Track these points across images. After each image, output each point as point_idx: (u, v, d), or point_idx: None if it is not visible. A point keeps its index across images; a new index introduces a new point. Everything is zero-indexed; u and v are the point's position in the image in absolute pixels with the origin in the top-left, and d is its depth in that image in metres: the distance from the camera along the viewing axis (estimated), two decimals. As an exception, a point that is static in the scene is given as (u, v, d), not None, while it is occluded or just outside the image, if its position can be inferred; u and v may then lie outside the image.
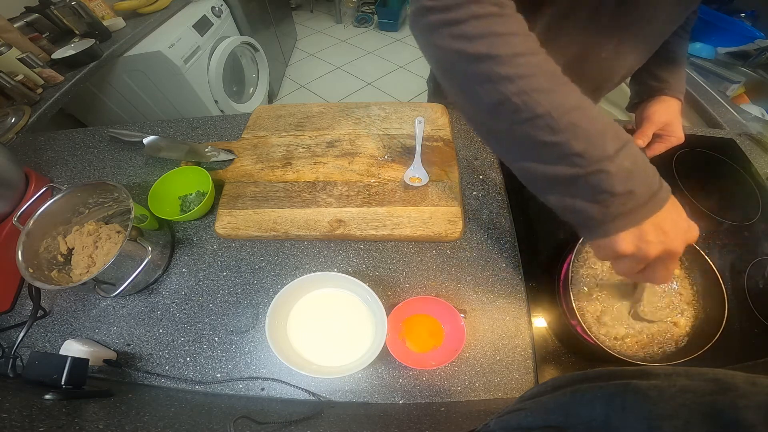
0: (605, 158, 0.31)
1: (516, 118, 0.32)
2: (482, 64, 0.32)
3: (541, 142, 0.32)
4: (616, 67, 0.59)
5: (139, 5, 1.45)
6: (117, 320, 0.55)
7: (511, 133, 0.34)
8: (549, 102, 0.31)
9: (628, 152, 0.32)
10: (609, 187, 0.31)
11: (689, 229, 0.34)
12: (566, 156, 0.31)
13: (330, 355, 0.49)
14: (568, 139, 0.31)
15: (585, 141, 0.31)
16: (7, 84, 0.95)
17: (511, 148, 0.36)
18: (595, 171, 0.31)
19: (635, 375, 0.21)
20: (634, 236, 0.33)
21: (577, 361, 0.51)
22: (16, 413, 0.35)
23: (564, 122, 0.31)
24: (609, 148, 0.31)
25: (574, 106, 0.32)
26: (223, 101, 1.75)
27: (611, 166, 0.31)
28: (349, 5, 3.27)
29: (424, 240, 0.60)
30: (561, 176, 0.33)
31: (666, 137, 0.57)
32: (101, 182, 0.56)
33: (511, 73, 0.31)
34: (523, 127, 0.32)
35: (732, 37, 1.09)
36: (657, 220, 0.33)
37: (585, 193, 0.32)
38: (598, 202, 0.32)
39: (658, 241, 0.33)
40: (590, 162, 0.31)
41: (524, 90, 0.31)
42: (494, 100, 0.33)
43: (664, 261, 0.34)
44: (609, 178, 0.31)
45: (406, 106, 0.78)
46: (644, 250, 0.33)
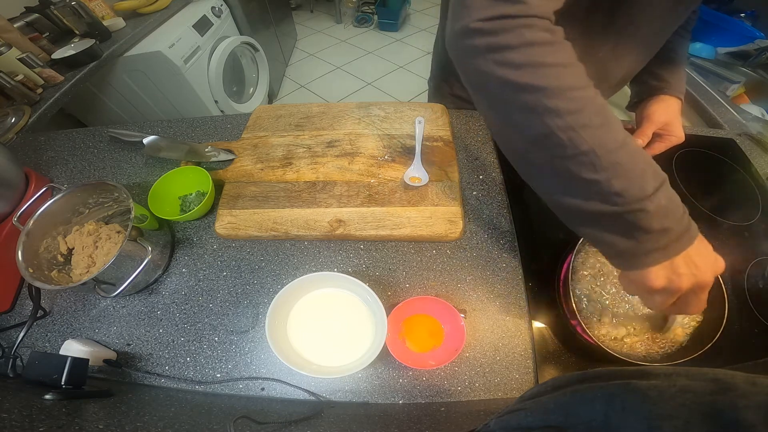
0: (644, 198, 0.31)
1: (559, 153, 0.32)
2: (529, 95, 0.31)
3: (582, 179, 0.32)
4: (615, 69, 0.59)
5: (139, 5, 1.45)
6: (117, 320, 0.55)
7: (552, 167, 0.33)
8: (595, 140, 0.31)
9: (665, 191, 0.32)
10: (646, 225, 0.31)
11: (716, 261, 0.35)
12: (606, 194, 0.31)
13: (330, 355, 0.49)
14: (609, 177, 0.31)
15: (626, 180, 0.31)
16: (7, 84, 0.95)
17: (548, 182, 0.36)
18: (634, 210, 0.31)
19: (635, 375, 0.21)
20: (666, 270, 0.33)
21: (577, 361, 0.51)
22: (16, 413, 0.35)
23: (607, 161, 0.30)
24: (648, 187, 0.31)
25: (619, 145, 0.31)
26: (223, 101, 1.75)
27: (650, 206, 0.31)
28: (349, 5, 3.27)
29: (424, 240, 0.60)
30: (598, 213, 0.32)
31: (666, 137, 0.57)
32: (101, 182, 0.56)
33: (560, 107, 0.30)
34: (564, 163, 0.32)
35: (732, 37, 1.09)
36: (689, 254, 0.33)
37: (620, 230, 0.32)
38: (632, 238, 0.32)
39: (690, 274, 0.33)
40: (630, 201, 0.31)
41: (571, 126, 0.30)
42: (538, 133, 0.32)
43: (696, 293, 0.35)
44: (647, 217, 0.31)
45: (406, 106, 0.78)
46: (676, 282, 0.33)
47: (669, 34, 0.55)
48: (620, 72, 0.60)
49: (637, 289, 0.36)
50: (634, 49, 0.55)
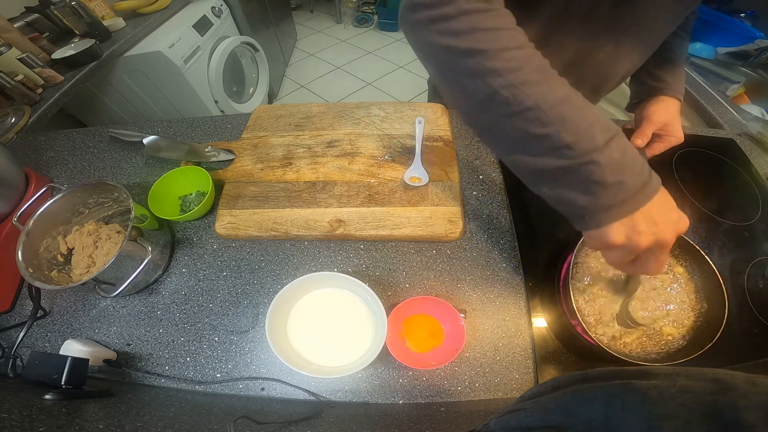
0: (595, 149, 0.31)
1: (506, 111, 0.33)
2: (470, 59, 0.33)
3: (531, 135, 0.32)
4: (615, 68, 0.59)
5: (139, 5, 1.45)
6: (117, 320, 0.55)
7: (502, 126, 0.34)
8: (537, 94, 0.32)
9: (617, 143, 0.32)
10: (599, 177, 0.31)
11: (680, 219, 0.35)
12: (556, 148, 0.32)
13: (330, 355, 0.49)
14: (557, 131, 0.31)
15: (574, 133, 0.31)
16: (7, 84, 0.95)
17: (502, 141, 0.37)
18: (585, 162, 0.31)
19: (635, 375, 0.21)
20: (625, 227, 0.33)
21: (577, 361, 0.51)
22: (16, 413, 0.35)
23: (552, 114, 0.31)
24: (598, 139, 0.31)
25: (562, 99, 0.32)
26: (223, 101, 1.75)
27: (601, 157, 0.31)
28: (349, 5, 3.27)
29: (424, 240, 0.60)
30: (552, 168, 0.33)
31: (665, 137, 0.57)
32: (101, 182, 0.56)
33: (498, 67, 0.32)
34: (512, 120, 0.33)
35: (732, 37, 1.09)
36: (648, 211, 0.33)
37: (576, 185, 0.33)
38: (589, 193, 0.33)
39: (649, 232, 0.33)
40: (580, 153, 0.31)
41: (512, 83, 0.32)
42: (484, 94, 0.33)
43: (655, 252, 0.35)
44: (599, 168, 0.31)
45: (406, 106, 0.78)
46: (635, 240, 0.33)
47: (669, 32, 0.55)
48: (620, 72, 0.60)
49: (596, 244, 0.36)
50: (634, 49, 0.55)
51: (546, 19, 0.50)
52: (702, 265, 0.51)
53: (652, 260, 0.36)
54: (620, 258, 0.36)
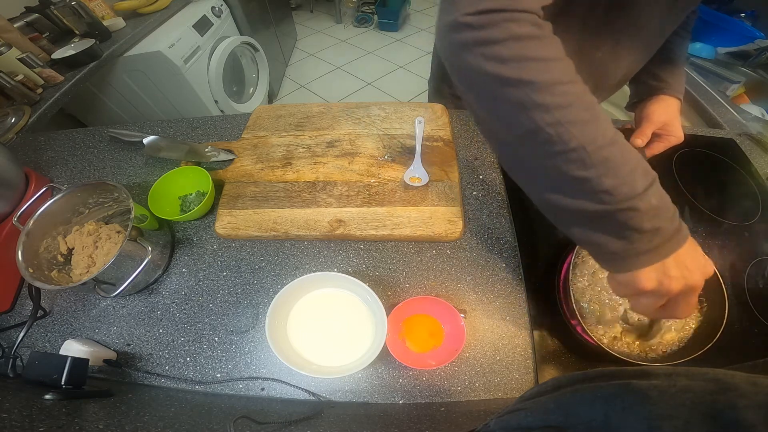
0: (635, 196, 0.30)
1: (547, 150, 0.31)
2: (517, 90, 0.30)
3: (571, 177, 0.31)
4: (615, 67, 0.59)
5: (139, 5, 1.45)
6: (117, 320, 0.55)
7: (540, 164, 0.32)
8: (584, 136, 0.30)
9: (655, 189, 0.31)
10: (637, 224, 0.30)
11: (706, 263, 0.34)
12: (596, 192, 0.30)
13: (330, 355, 0.49)
14: (599, 175, 0.30)
15: (615, 178, 0.30)
16: (7, 84, 0.95)
17: (537, 179, 0.35)
18: (624, 209, 0.30)
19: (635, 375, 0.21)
20: (657, 272, 0.32)
21: (577, 361, 0.51)
22: (16, 413, 0.35)
23: (597, 158, 0.30)
24: (639, 185, 0.30)
25: (609, 142, 0.30)
26: (223, 101, 1.75)
27: (641, 204, 0.30)
28: (349, 5, 3.27)
29: (424, 240, 0.60)
30: (588, 212, 0.32)
31: (665, 137, 0.57)
32: (101, 182, 0.56)
33: (548, 102, 0.30)
34: (553, 160, 0.31)
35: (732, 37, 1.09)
36: (679, 256, 0.32)
37: (610, 229, 0.32)
38: (623, 238, 0.32)
39: (680, 276, 0.32)
40: (620, 200, 0.30)
41: (560, 121, 0.30)
42: (526, 129, 0.31)
43: (686, 296, 0.34)
44: (638, 215, 0.30)
45: (406, 106, 0.78)
46: (666, 285, 0.32)
47: (668, 33, 0.55)
48: (620, 72, 0.60)
49: (626, 291, 0.35)
50: (633, 49, 0.55)
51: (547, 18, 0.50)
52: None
53: (683, 304, 0.34)
54: (650, 303, 0.35)
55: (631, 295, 0.35)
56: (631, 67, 0.60)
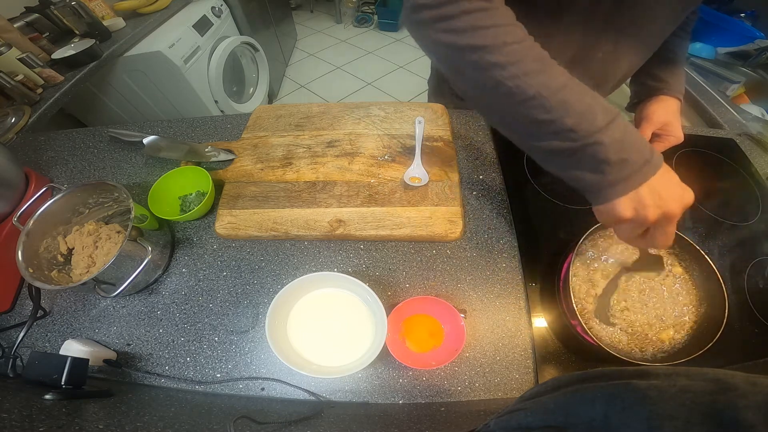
0: (597, 131, 0.34)
1: (512, 101, 0.35)
2: (474, 54, 0.35)
3: (537, 121, 0.35)
4: (616, 67, 0.59)
5: (139, 5, 1.46)
6: (117, 320, 0.55)
7: (511, 114, 0.37)
8: (539, 83, 0.34)
9: (618, 124, 0.34)
10: (604, 156, 0.34)
11: (684, 193, 0.37)
12: (561, 132, 0.35)
13: (330, 355, 0.49)
14: (560, 116, 0.34)
15: (576, 116, 0.34)
16: (7, 84, 0.95)
17: (514, 128, 0.39)
18: (589, 143, 0.34)
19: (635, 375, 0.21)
20: (632, 201, 0.36)
21: (577, 361, 0.51)
22: (16, 413, 0.35)
23: (555, 101, 0.34)
24: (599, 121, 0.34)
25: (562, 85, 0.35)
26: (223, 101, 1.75)
27: (604, 137, 0.34)
28: (349, 5, 3.27)
29: (424, 240, 0.60)
30: (559, 150, 0.36)
31: (665, 137, 0.57)
32: (101, 182, 0.56)
33: (501, 60, 0.34)
34: (519, 108, 0.36)
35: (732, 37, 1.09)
36: (652, 185, 0.35)
37: (584, 164, 0.36)
38: (597, 171, 0.35)
39: (655, 205, 0.35)
40: (583, 135, 0.34)
41: (515, 74, 0.34)
42: (490, 86, 0.36)
43: (663, 224, 0.37)
44: (603, 148, 0.34)
45: (406, 106, 0.78)
46: (642, 213, 0.36)
47: (669, 32, 0.55)
48: (620, 72, 0.60)
49: (608, 219, 0.38)
50: (634, 49, 0.55)
51: (544, 17, 0.50)
52: (702, 265, 0.51)
53: (660, 233, 0.38)
54: (630, 231, 0.38)
55: (613, 224, 0.39)
56: (632, 67, 0.60)
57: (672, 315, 0.50)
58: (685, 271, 0.53)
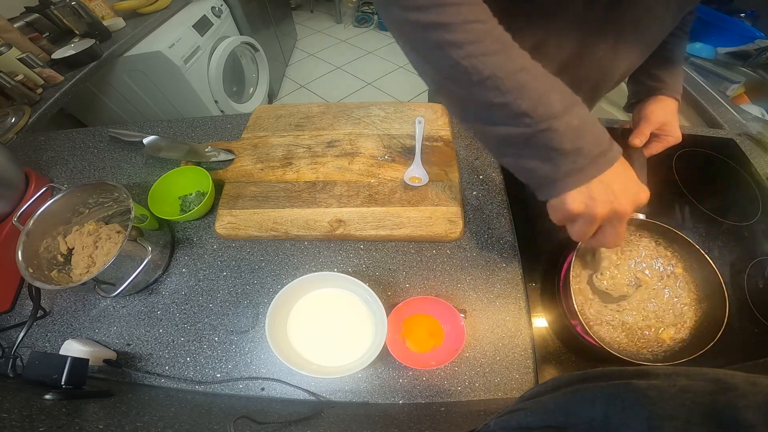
0: (553, 116, 0.32)
1: (466, 81, 0.34)
2: (434, 32, 0.34)
3: (491, 104, 0.34)
4: (614, 67, 0.59)
5: (139, 5, 1.46)
6: (117, 320, 0.55)
7: (465, 96, 0.36)
8: (495, 64, 0.33)
9: (577, 112, 0.33)
10: (558, 144, 0.33)
11: (639, 191, 0.36)
12: (515, 116, 0.33)
13: (330, 355, 0.49)
14: (515, 99, 0.32)
15: (531, 100, 0.32)
16: (7, 84, 0.95)
17: (468, 112, 0.38)
18: (543, 129, 0.32)
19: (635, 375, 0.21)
20: (582, 194, 0.34)
21: (577, 361, 0.51)
22: (16, 413, 0.35)
23: (510, 83, 0.32)
24: (556, 106, 0.32)
25: (520, 68, 0.33)
26: (223, 101, 1.75)
27: (558, 124, 0.32)
28: (349, 5, 3.27)
29: (424, 240, 0.60)
30: (512, 136, 0.34)
31: (663, 137, 0.57)
32: (101, 182, 0.56)
33: (460, 39, 0.33)
34: (473, 90, 0.34)
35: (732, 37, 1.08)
36: (605, 179, 0.34)
37: (536, 153, 0.34)
38: (548, 161, 0.34)
39: (606, 201, 0.34)
40: (538, 120, 0.32)
41: (472, 54, 0.33)
42: (446, 65, 0.34)
43: (612, 222, 0.36)
44: (557, 135, 0.32)
45: (406, 106, 0.78)
46: (592, 208, 0.34)
47: (668, 31, 0.55)
48: (619, 71, 0.60)
49: (558, 215, 0.37)
50: (633, 48, 0.55)
51: (541, 16, 0.50)
52: (702, 265, 0.51)
53: (610, 231, 0.36)
54: (581, 229, 0.37)
55: (564, 220, 0.37)
56: (631, 66, 0.60)
57: (672, 315, 0.50)
58: (685, 271, 0.53)
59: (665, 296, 0.52)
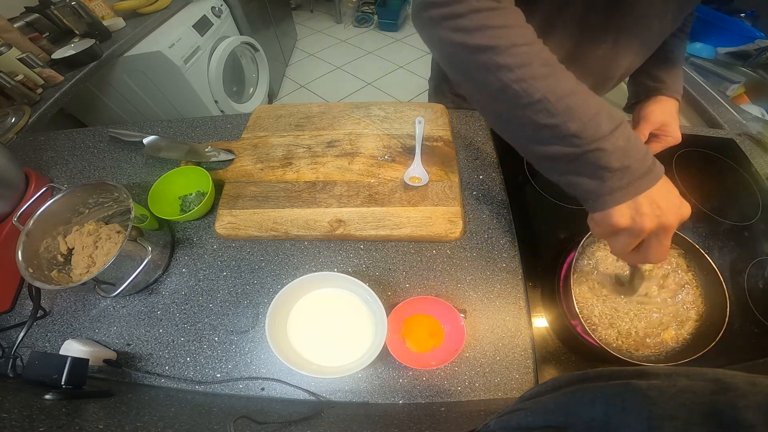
0: (601, 137, 0.34)
1: (517, 103, 0.35)
2: (482, 55, 0.35)
3: (541, 125, 0.35)
4: (614, 66, 0.59)
5: (139, 5, 1.46)
6: (117, 320, 0.55)
7: (515, 117, 0.37)
8: (545, 87, 0.34)
9: (622, 131, 0.34)
10: (606, 163, 0.34)
11: (682, 205, 0.36)
12: (564, 137, 0.34)
13: (330, 355, 0.49)
14: (564, 121, 0.34)
15: (580, 122, 0.34)
16: (7, 84, 0.95)
17: (516, 131, 0.39)
18: (592, 149, 0.34)
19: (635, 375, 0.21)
20: (629, 209, 0.35)
21: (577, 361, 0.51)
22: (16, 413, 0.35)
23: (560, 106, 0.34)
24: (604, 127, 0.34)
25: (569, 91, 0.34)
26: (223, 101, 1.75)
27: (607, 144, 0.34)
28: (349, 5, 3.27)
29: (424, 240, 0.60)
30: (561, 155, 0.36)
31: (663, 137, 0.57)
32: (101, 182, 0.56)
33: (509, 63, 0.34)
34: (524, 112, 0.35)
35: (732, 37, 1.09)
36: (651, 195, 0.35)
37: (584, 170, 0.36)
38: (596, 178, 0.35)
39: (653, 215, 0.35)
40: (587, 141, 0.34)
41: (522, 78, 0.34)
42: (496, 88, 0.35)
43: (659, 236, 0.36)
44: (605, 155, 0.34)
45: (406, 106, 0.78)
46: (639, 223, 0.35)
47: (670, 31, 0.55)
48: (619, 70, 0.60)
49: (603, 229, 0.37)
50: (634, 47, 0.55)
51: (542, 15, 0.50)
52: (703, 265, 0.51)
53: (655, 245, 0.37)
54: (625, 243, 0.37)
55: (608, 234, 0.38)
56: (632, 64, 0.60)
57: (673, 315, 0.50)
58: (685, 271, 0.53)
59: (666, 296, 0.52)
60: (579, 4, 0.48)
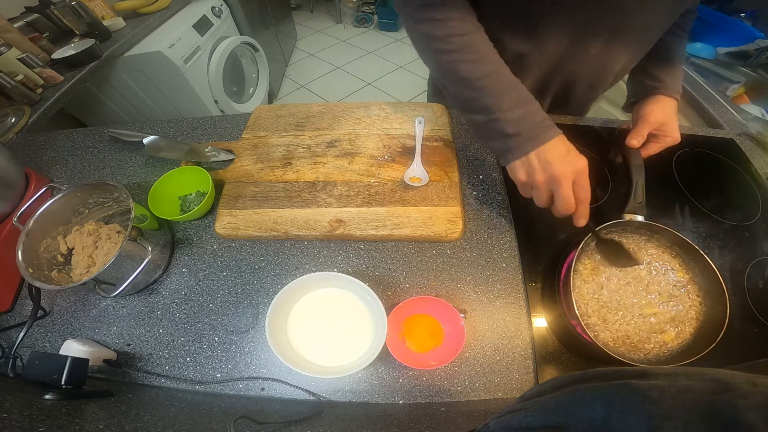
0: (501, 110, 0.47)
1: (450, 78, 0.50)
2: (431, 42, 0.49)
3: (467, 97, 0.49)
4: (609, 64, 0.59)
5: (139, 5, 1.46)
6: (117, 320, 0.55)
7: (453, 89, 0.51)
8: (468, 70, 0.48)
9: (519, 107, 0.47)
10: (503, 129, 0.47)
11: (569, 156, 0.46)
12: (481, 108, 0.48)
13: (330, 355, 0.49)
14: (479, 96, 0.48)
15: (491, 98, 0.47)
16: (7, 84, 0.95)
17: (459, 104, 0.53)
18: (494, 119, 0.47)
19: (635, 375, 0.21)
20: (523, 165, 0.48)
21: (577, 361, 0.51)
22: (16, 413, 0.35)
23: (477, 85, 0.47)
24: (505, 104, 0.47)
25: (486, 74, 0.48)
26: (223, 101, 1.75)
27: (505, 116, 0.47)
28: (349, 5, 3.27)
29: (424, 240, 0.60)
30: (480, 122, 0.49)
31: (661, 137, 0.57)
32: (101, 182, 0.56)
33: (444, 48, 0.48)
34: (456, 87, 0.50)
35: (732, 37, 1.09)
36: (540, 152, 0.46)
37: (492, 134, 0.49)
38: (499, 140, 0.49)
39: (541, 168, 0.46)
40: (492, 112, 0.47)
41: (452, 60, 0.48)
42: (436, 66, 0.52)
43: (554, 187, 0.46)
44: (503, 123, 0.47)
45: (406, 106, 0.78)
46: (532, 175, 0.47)
47: (664, 29, 0.55)
48: (615, 67, 0.60)
49: (516, 182, 0.51)
50: (626, 46, 0.55)
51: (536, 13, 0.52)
52: (702, 265, 0.51)
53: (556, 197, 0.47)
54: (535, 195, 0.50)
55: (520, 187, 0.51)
56: (627, 63, 0.60)
57: (673, 316, 0.50)
58: (685, 271, 0.53)
59: (666, 297, 0.52)
60: (566, 4, 0.49)
